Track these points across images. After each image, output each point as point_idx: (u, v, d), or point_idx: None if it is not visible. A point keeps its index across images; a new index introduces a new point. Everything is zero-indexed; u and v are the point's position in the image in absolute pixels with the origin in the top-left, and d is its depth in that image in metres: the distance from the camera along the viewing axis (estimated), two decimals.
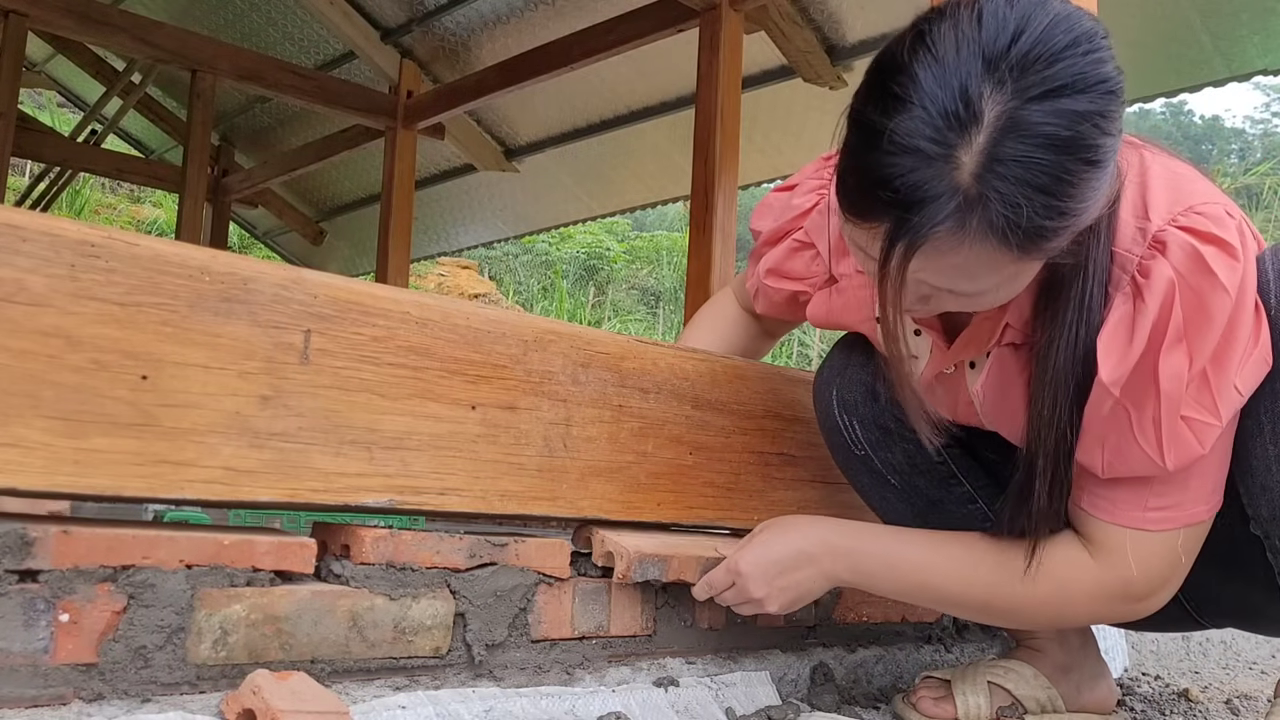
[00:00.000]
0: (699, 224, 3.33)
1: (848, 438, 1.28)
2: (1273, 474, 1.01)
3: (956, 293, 0.91)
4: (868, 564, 1.14)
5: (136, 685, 0.81)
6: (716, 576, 1.16)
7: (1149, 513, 1.03)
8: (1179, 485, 1.02)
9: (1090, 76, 0.82)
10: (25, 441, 0.77)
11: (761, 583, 1.13)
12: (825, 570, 1.15)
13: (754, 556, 1.15)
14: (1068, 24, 0.83)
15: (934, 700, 1.28)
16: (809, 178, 1.27)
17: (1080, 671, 1.33)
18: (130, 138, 6.89)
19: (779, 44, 3.73)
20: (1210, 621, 1.27)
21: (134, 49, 4.36)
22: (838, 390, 1.28)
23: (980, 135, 0.81)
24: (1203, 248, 0.92)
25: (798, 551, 1.14)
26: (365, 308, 0.96)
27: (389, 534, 0.96)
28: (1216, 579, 1.18)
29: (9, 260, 0.77)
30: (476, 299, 10.66)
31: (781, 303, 1.34)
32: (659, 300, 13.04)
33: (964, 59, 0.81)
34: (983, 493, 1.27)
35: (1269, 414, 1.00)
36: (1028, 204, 0.81)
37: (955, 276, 0.88)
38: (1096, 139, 0.83)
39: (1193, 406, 0.95)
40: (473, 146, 5.18)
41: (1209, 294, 0.92)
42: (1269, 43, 3.23)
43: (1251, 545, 1.10)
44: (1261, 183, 10.96)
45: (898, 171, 0.83)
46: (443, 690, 0.95)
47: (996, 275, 0.89)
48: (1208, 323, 0.93)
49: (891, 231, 0.85)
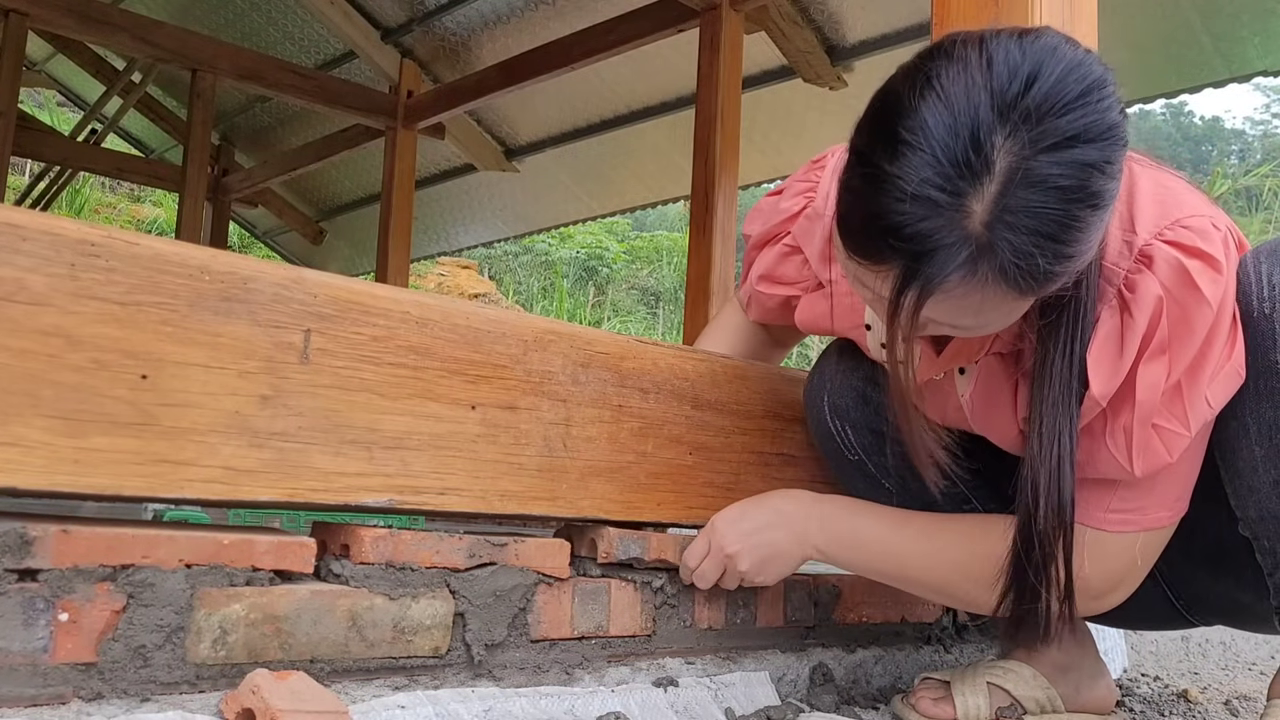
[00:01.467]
0: (699, 224, 3.33)
1: (841, 443, 1.29)
2: (1259, 475, 1.03)
3: (956, 325, 0.92)
4: (836, 525, 1.17)
5: (136, 685, 0.81)
6: (695, 544, 1.20)
7: (1109, 514, 1.04)
8: (1143, 491, 1.03)
9: (1099, 125, 0.82)
10: (25, 440, 0.77)
11: (734, 538, 1.17)
12: (797, 530, 1.18)
13: (729, 514, 1.19)
14: (1080, 72, 0.82)
15: (933, 701, 1.28)
16: (797, 180, 1.27)
17: (1079, 672, 1.33)
18: (130, 137, 6.90)
19: (779, 44, 3.73)
20: (1200, 619, 1.28)
21: (134, 48, 4.36)
22: (829, 396, 1.28)
23: (992, 185, 0.80)
24: (1188, 262, 0.93)
25: (772, 510, 1.18)
26: (365, 307, 0.96)
27: (388, 534, 0.96)
28: (1207, 578, 1.19)
29: (9, 259, 0.77)
30: (476, 299, 10.66)
31: (775, 309, 1.34)
32: (659, 300, 13.04)
33: (974, 104, 0.80)
34: (976, 494, 1.28)
35: (1254, 416, 1.01)
36: (1038, 251, 0.82)
37: (960, 314, 0.89)
38: (1103, 185, 0.83)
39: (1164, 415, 0.96)
40: (473, 146, 5.18)
41: (1193, 308, 0.93)
42: (1269, 44, 3.23)
43: (1240, 546, 1.11)
44: (1262, 184, 10.97)
45: (908, 220, 0.82)
46: (442, 690, 0.95)
47: (997, 311, 0.89)
48: (1189, 335, 0.93)
49: (902, 278, 0.84)
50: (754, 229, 1.32)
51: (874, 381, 1.23)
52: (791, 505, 1.19)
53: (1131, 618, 1.37)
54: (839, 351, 1.30)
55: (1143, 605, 1.28)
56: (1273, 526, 1.04)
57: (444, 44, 4.78)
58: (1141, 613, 1.31)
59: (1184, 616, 1.28)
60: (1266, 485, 1.02)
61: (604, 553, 1.14)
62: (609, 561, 1.14)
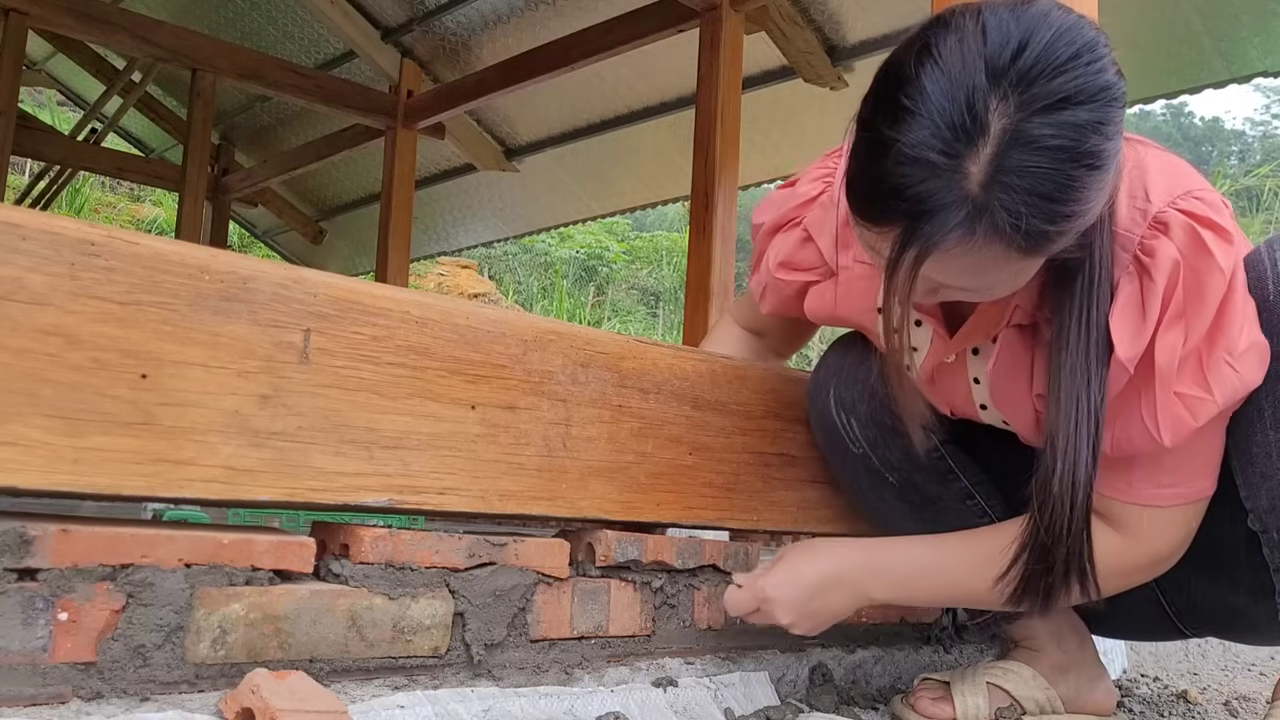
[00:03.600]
0: (699, 224, 3.33)
1: (846, 436, 1.28)
2: (1273, 461, 1.03)
3: (964, 288, 0.94)
4: (898, 576, 1.16)
5: (135, 684, 0.81)
6: (742, 601, 1.17)
7: (1162, 490, 1.06)
8: (1183, 461, 1.05)
9: (1092, 86, 0.84)
10: (25, 440, 0.77)
11: (789, 608, 1.15)
12: (857, 591, 1.16)
13: (781, 580, 1.15)
14: (1070, 36, 0.84)
15: (932, 700, 1.28)
16: (814, 168, 1.28)
17: (1079, 673, 1.33)
18: (130, 136, 6.89)
19: (779, 44, 3.73)
20: (1192, 629, 1.28)
21: (134, 48, 4.36)
22: (835, 389, 1.28)
23: (987, 147, 0.83)
24: (1202, 231, 0.96)
25: (828, 575, 1.15)
26: (365, 307, 0.96)
27: (388, 533, 0.96)
28: (1203, 581, 1.19)
29: (9, 259, 0.77)
30: (476, 299, 10.67)
31: (791, 296, 1.31)
32: (659, 300, 13.04)
33: (969, 71, 0.83)
34: (979, 488, 1.28)
35: (1270, 400, 1.01)
36: (1032, 210, 0.84)
37: (963, 275, 0.92)
38: (1099, 145, 0.85)
39: (1186, 383, 0.98)
40: (473, 146, 5.18)
41: (1206, 275, 0.95)
42: (1269, 44, 3.23)
43: (1238, 545, 1.11)
44: (1262, 184, 10.96)
45: (908, 182, 0.85)
46: (441, 690, 0.95)
47: (1002, 272, 0.92)
48: (1202, 302, 0.96)
49: (903, 237, 0.87)
50: (765, 217, 1.31)
51: (881, 374, 1.22)
52: (843, 567, 1.16)
53: (1123, 627, 1.37)
54: (845, 345, 1.31)
55: (1136, 613, 1.28)
56: None
57: (444, 44, 4.77)
58: (1134, 621, 1.31)
59: (1177, 627, 1.28)
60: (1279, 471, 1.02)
61: (602, 556, 1.14)
62: (608, 564, 1.14)
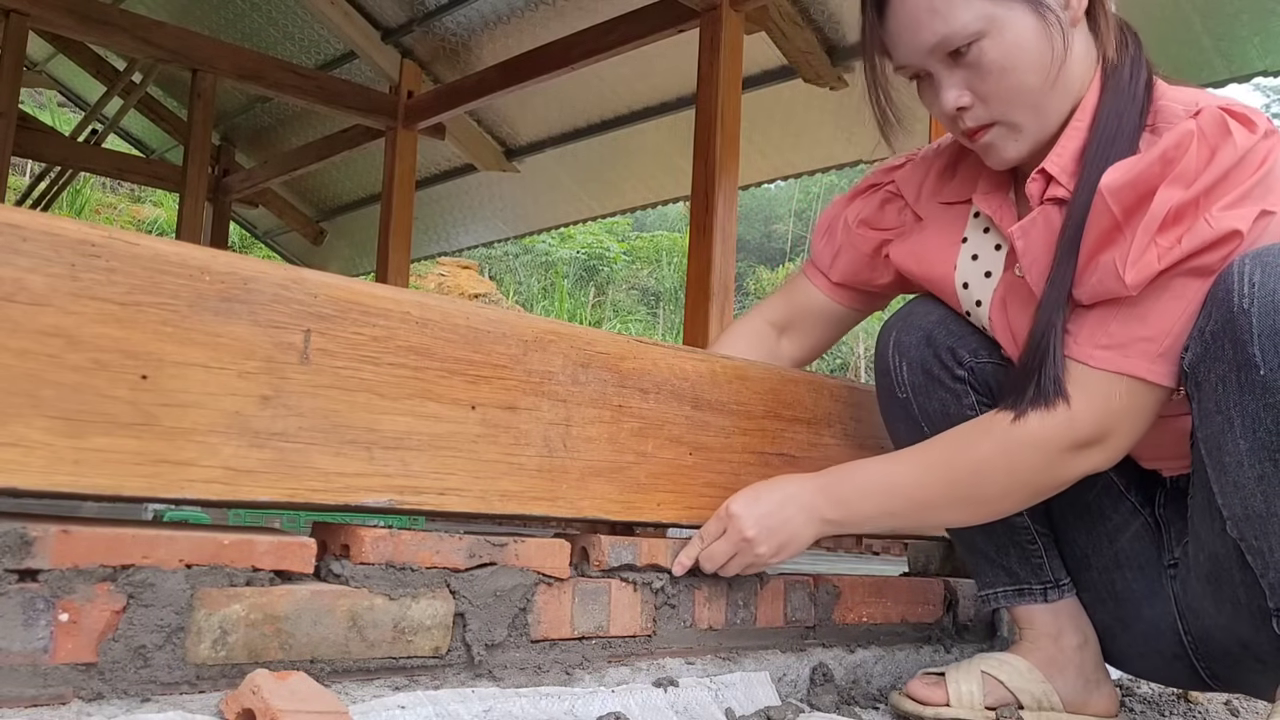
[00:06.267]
0: (699, 224, 3.34)
1: (894, 379, 1.33)
2: (1244, 470, 1.01)
3: (940, 44, 1.09)
4: (843, 488, 1.20)
5: (136, 685, 0.81)
6: (710, 525, 1.22)
7: (1098, 349, 1.09)
8: (1131, 323, 1.08)
9: None
10: (25, 441, 0.77)
11: (752, 522, 1.19)
12: (806, 506, 1.20)
13: (745, 499, 1.21)
14: None
15: (926, 684, 1.29)
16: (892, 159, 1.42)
17: (1078, 673, 1.32)
18: (131, 137, 6.90)
19: (779, 44, 3.73)
20: (1205, 666, 1.26)
21: (135, 48, 4.37)
22: (897, 333, 1.35)
23: None
24: (1230, 120, 1.04)
25: (785, 493, 1.21)
26: (365, 307, 0.96)
27: (388, 534, 0.96)
28: (1210, 604, 1.17)
29: (9, 260, 0.77)
30: (476, 299, 10.67)
31: (866, 254, 1.41)
32: (659, 300, 13.04)
33: None
34: None
35: (1238, 409, 1.00)
36: None
37: (929, 20, 1.08)
38: None
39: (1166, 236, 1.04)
40: (473, 146, 5.19)
41: (1220, 146, 1.03)
42: (1269, 44, 3.23)
43: (1231, 564, 1.09)
44: None
45: None
46: (442, 690, 0.95)
47: (968, 11, 1.07)
48: (1210, 166, 1.03)
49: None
50: (834, 208, 1.46)
51: (945, 325, 1.30)
52: (795, 485, 1.22)
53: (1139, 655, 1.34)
54: (918, 300, 1.38)
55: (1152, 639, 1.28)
56: (1258, 525, 1.02)
57: (444, 44, 4.78)
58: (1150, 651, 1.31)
59: (1196, 670, 1.26)
60: (1251, 480, 1.01)
61: (596, 561, 1.14)
62: (583, 558, 1.15)
